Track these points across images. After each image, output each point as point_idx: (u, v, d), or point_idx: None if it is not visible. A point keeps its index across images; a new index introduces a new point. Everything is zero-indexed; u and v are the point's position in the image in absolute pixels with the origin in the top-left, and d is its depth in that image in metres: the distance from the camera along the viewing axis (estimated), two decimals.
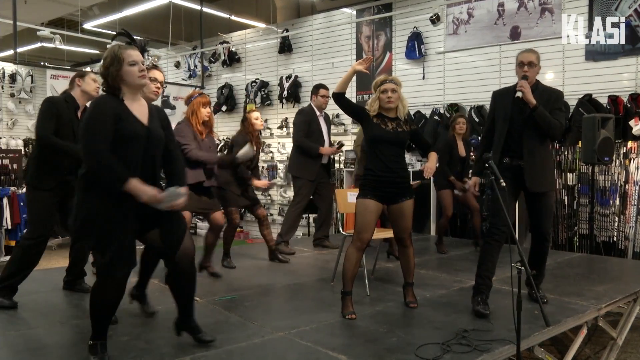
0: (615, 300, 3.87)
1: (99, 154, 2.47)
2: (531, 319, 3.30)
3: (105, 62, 2.63)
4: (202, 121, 4.30)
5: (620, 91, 6.23)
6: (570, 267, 4.99)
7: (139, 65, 2.63)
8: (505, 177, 3.33)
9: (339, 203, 4.54)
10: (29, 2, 8.94)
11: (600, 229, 6.10)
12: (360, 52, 8.69)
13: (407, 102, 3.68)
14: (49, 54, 12.79)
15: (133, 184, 2.49)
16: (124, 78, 2.60)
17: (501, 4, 7.19)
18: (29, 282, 3.82)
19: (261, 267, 5.08)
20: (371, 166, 3.57)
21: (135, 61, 2.62)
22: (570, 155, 6.36)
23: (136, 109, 2.66)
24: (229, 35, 10.74)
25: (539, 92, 3.60)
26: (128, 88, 2.63)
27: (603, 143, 5.42)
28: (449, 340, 2.96)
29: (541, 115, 3.50)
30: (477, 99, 7.35)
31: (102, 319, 2.65)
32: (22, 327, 3.27)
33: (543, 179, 3.63)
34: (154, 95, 3.41)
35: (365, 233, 3.50)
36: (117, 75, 2.59)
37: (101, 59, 11.21)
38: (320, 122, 5.94)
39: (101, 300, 2.63)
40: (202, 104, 4.30)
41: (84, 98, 3.82)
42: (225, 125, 10.71)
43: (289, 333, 3.13)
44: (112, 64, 2.59)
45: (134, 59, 2.62)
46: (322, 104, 5.96)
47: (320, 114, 5.97)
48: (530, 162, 3.58)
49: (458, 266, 5.09)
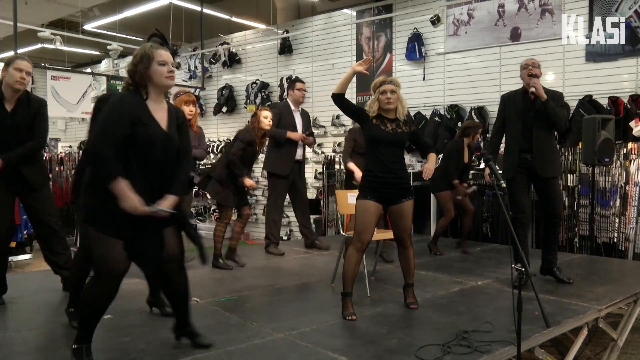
0: (615, 301, 3.87)
1: (101, 146, 2.46)
2: (532, 320, 3.30)
3: (134, 59, 2.60)
4: None
5: (620, 92, 6.23)
6: (570, 268, 4.98)
7: (168, 66, 2.61)
8: (521, 172, 4.20)
9: (339, 204, 4.54)
10: (30, 3, 8.94)
11: (601, 230, 6.09)
12: (361, 53, 8.69)
13: (406, 103, 3.68)
14: (50, 55, 12.79)
15: (120, 186, 2.44)
16: (151, 77, 2.58)
17: (501, 5, 7.19)
18: (29, 283, 3.83)
19: (262, 269, 5.07)
20: (371, 167, 3.57)
21: (165, 61, 2.61)
22: (571, 157, 6.36)
23: (158, 112, 2.63)
24: (230, 36, 10.75)
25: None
26: (154, 88, 2.61)
27: (603, 144, 5.42)
28: (449, 342, 2.96)
29: (551, 108, 4.04)
30: (477, 100, 7.35)
31: (91, 320, 2.62)
32: (22, 328, 3.27)
33: (552, 165, 4.26)
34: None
35: (365, 234, 3.50)
36: (145, 73, 2.57)
37: (101, 60, 11.17)
38: (296, 117, 5.86)
39: (93, 299, 2.59)
40: (185, 102, 4.44)
41: (8, 89, 3.62)
42: (226, 126, 10.71)
43: (290, 334, 3.13)
44: (141, 61, 2.57)
45: (164, 59, 2.61)
46: (299, 98, 5.91)
47: (297, 108, 5.90)
48: (539, 151, 4.16)
49: (458, 267, 5.09)
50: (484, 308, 3.71)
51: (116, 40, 10.41)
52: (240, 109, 10.47)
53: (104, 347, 2.87)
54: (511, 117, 4.30)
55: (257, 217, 9.95)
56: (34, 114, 3.68)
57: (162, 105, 2.67)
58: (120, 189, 2.44)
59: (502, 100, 4.45)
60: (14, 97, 3.63)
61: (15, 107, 3.63)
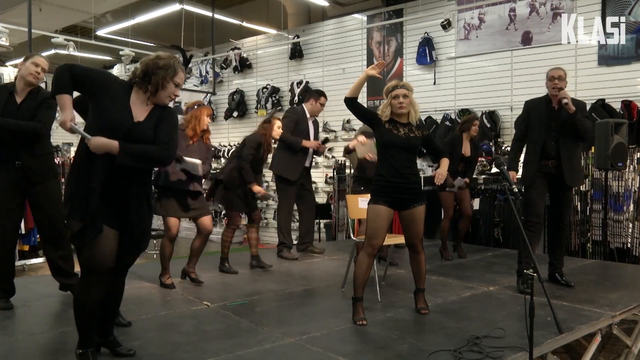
0: (630, 307, 3.83)
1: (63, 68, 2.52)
2: (544, 325, 3.27)
3: (160, 60, 2.63)
4: (202, 129, 4.38)
5: (633, 96, 6.17)
6: (583, 273, 4.94)
7: (177, 89, 2.69)
8: (539, 176, 4.26)
9: (349, 209, 4.53)
10: (44, 10, 9.05)
11: (614, 235, 6.03)
12: (371, 57, 8.69)
13: (419, 107, 3.67)
14: (63, 61, 12.83)
15: (62, 98, 2.50)
16: (162, 87, 2.62)
17: (512, 9, 7.17)
18: (42, 286, 3.86)
19: (272, 273, 5.07)
20: (382, 171, 3.56)
21: (179, 84, 2.69)
22: (583, 161, 6.31)
23: (137, 105, 2.62)
24: (241, 41, 10.81)
25: None
26: (152, 95, 2.63)
27: (616, 148, 5.36)
28: (460, 347, 2.94)
29: (580, 120, 4.13)
30: (488, 105, 7.32)
31: (87, 321, 2.62)
32: (35, 331, 3.29)
33: (578, 175, 4.41)
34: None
35: (377, 239, 3.49)
36: (162, 81, 2.61)
37: (113, 65, 11.28)
38: (309, 125, 5.90)
39: (84, 299, 2.59)
40: (207, 114, 4.44)
41: (21, 82, 3.63)
42: (237, 130, 10.76)
43: (300, 339, 3.13)
44: (167, 70, 2.62)
45: (180, 82, 2.69)
46: (317, 112, 5.94)
47: (310, 117, 5.93)
48: (568, 161, 4.22)
49: (469, 272, 5.06)
50: (496, 314, 3.68)
51: (128, 45, 10.49)
52: (251, 113, 10.51)
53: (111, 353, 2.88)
54: (534, 124, 4.32)
55: (268, 221, 9.97)
56: (39, 104, 3.64)
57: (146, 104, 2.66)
58: (61, 102, 2.50)
59: (525, 107, 4.49)
60: (25, 91, 3.63)
61: (25, 99, 3.62)
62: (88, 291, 2.59)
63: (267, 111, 9.95)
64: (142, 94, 2.64)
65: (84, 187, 2.53)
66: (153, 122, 2.64)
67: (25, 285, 4.05)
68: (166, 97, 2.66)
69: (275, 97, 9.97)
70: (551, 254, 4.53)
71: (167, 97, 2.66)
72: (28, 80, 3.62)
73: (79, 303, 2.61)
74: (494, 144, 7.13)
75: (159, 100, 2.66)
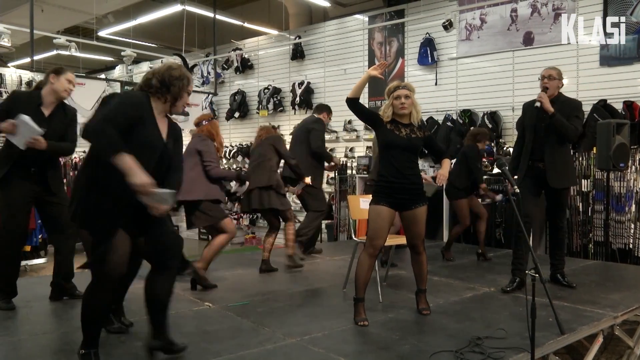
0: (632, 308, 3.82)
1: (105, 125, 2.44)
2: (545, 326, 3.27)
3: (174, 71, 2.71)
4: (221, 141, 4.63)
5: (635, 96, 6.16)
6: (585, 274, 4.93)
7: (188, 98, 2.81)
8: (529, 177, 4.27)
9: (351, 209, 4.53)
10: (46, 11, 9.07)
11: (616, 236, 6.02)
12: (373, 58, 8.69)
13: (420, 107, 3.66)
14: (65, 62, 12.88)
15: (126, 159, 2.40)
16: (180, 97, 2.72)
17: (514, 10, 7.16)
18: (44, 287, 3.86)
19: (273, 274, 5.08)
20: (384, 172, 3.56)
21: (190, 93, 2.80)
22: (585, 162, 6.30)
23: (161, 122, 2.72)
24: (242, 42, 10.81)
25: (560, 103, 4.19)
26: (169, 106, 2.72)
27: (618, 149, 5.36)
28: (462, 348, 2.94)
29: (558, 121, 4.09)
30: (490, 105, 7.31)
31: (95, 324, 2.65)
32: (37, 332, 3.29)
33: (563, 177, 4.29)
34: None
35: (378, 239, 3.49)
36: (179, 92, 2.70)
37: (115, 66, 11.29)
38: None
39: (93, 301, 2.62)
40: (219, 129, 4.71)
41: (52, 96, 3.73)
42: (238, 131, 10.76)
43: (302, 339, 3.13)
44: (182, 80, 2.70)
45: (190, 90, 2.81)
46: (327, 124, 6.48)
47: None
48: (551, 163, 4.22)
49: (471, 273, 5.06)
50: (497, 314, 3.68)
51: (130, 46, 10.51)
52: (253, 114, 10.51)
53: (118, 352, 2.90)
54: (527, 126, 4.38)
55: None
56: (69, 121, 3.83)
57: (164, 118, 2.77)
58: (128, 163, 2.40)
59: (523, 109, 4.55)
60: (53, 105, 3.75)
61: (53, 113, 3.74)
62: (98, 296, 2.63)
63: (269, 112, 9.97)
64: (160, 104, 2.70)
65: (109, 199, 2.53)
66: (172, 140, 2.76)
67: (27, 286, 4.05)
68: (181, 105, 2.77)
69: (277, 97, 9.97)
70: (552, 255, 4.54)
71: (182, 108, 2.78)
72: (61, 96, 3.76)
73: (87, 307, 2.64)
74: (496, 145, 7.13)
75: (177, 109, 2.76)
